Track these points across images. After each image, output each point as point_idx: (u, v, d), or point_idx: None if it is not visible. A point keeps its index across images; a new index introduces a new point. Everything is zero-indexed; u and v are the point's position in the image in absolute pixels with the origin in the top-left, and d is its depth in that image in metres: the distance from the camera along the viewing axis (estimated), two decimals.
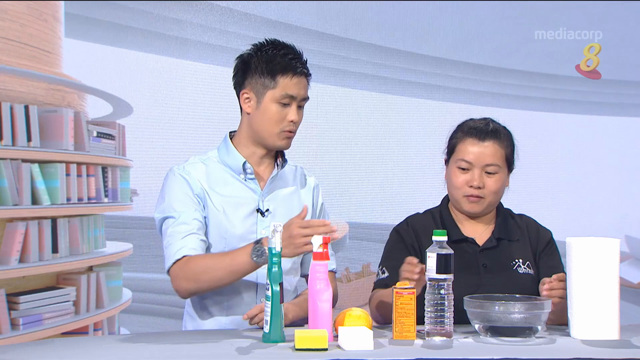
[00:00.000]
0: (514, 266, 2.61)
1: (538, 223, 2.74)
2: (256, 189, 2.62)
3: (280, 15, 4.86)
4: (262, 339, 2.20)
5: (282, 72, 2.55)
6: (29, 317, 3.97)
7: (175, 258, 2.49)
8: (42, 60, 4.47)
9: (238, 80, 2.63)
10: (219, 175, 2.61)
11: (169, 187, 2.59)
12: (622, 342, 2.23)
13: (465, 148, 2.59)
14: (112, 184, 4.64)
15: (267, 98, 2.56)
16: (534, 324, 2.23)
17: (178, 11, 4.71)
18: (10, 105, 3.97)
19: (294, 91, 2.57)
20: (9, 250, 3.97)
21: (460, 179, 2.59)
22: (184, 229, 2.52)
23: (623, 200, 5.06)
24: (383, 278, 2.62)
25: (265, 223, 2.59)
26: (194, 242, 2.51)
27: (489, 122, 2.65)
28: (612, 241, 2.29)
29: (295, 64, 2.57)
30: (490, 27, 5.02)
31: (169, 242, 2.52)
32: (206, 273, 2.45)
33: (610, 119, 5.19)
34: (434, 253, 2.22)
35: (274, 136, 2.58)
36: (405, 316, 2.21)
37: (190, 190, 2.56)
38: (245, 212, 2.59)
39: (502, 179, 2.61)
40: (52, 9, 4.58)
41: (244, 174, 2.61)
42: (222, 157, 2.64)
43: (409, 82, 5.05)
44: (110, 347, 2.15)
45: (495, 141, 2.60)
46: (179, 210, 2.54)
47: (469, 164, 2.58)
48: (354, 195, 4.95)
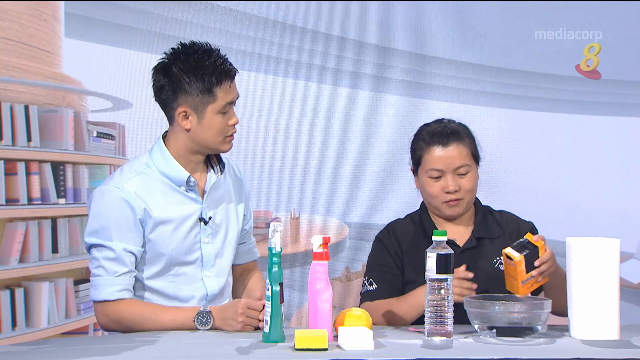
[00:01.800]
0: (495, 264, 2.62)
1: (518, 217, 2.75)
2: (197, 199, 2.55)
3: (280, 15, 4.86)
4: (262, 339, 2.20)
5: (218, 83, 2.47)
6: (87, 303, 4.23)
7: (108, 298, 2.44)
8: (42, 60, 4.46)
9: (167, 97, 2.51)
10: (159, 187, 2.52)
11: (107, 209, 2.47)
12: (622, 342, 2.23)
13: (431, 157, 2.60)
14: None
15: (209, 112, 2.48)
16: (534, 324, 2.23)
17: (178, 11, 4.71)
18: (10, 105, 3.97)
19: (231, 97, 2.51)
20: (9, 250, 3.97)
21: (435, 188, 2.61)
22: (118, 266, 2.45)
23: (623, 200, 5.06)
24: (371, 290, 2.62)
25: (207, 231, 2.55)
26: (127, 282, 2.46)
27: (445, 124, 2.66)
28: (612, 241, 2.29)
29: (224, 69, 2.49)
30: (490, 27, 5.02)
31: (100, 274, 2.46)
32: (139, 324, 2.42)
33: (610, 119, 5.19)
34: (434, 253, 2.22)
35: (219, 144, 2.52)
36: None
37: (132, 216, 2.46)
38: (189, 225, 2.53)
39: (475, 176, 2.63)
40: (52, 9, 4.58)
41: (186, 186, 2.53)
42: (160, 166, 2.53)
43: (409, 82, 5.05)
44: (110, 347, 2.15)
45: (458, 142, 2.61)
46: (115, 239, 2.45)
47: (440, 172, 2.59)
48: (354, 195, 4.95)
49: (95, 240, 2.48)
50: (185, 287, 2.53)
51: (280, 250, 2.21)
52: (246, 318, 2.33)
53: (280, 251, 2.21)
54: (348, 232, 4.98)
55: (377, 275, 2.63)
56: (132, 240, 2.47)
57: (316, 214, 4.92)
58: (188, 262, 2.53)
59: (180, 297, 2.52)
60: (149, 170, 2.54)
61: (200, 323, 2.36)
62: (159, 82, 2.53)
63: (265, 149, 4.66)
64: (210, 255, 2.55)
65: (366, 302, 2.62)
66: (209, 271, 2.55)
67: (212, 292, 2.55)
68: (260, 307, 2.33)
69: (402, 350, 2.12)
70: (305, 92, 4.95)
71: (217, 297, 2.58)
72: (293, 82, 4.94)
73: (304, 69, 4.96)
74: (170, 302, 2.51)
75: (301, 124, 4.97)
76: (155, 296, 2.52)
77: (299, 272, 3.06)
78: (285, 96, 4.92)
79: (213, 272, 2.55)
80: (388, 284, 2.62)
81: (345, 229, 4.97)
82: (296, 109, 4.94)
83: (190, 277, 2.54)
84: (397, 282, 2.63)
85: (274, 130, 4.82)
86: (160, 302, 2.51)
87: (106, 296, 2.45)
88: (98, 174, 4.46)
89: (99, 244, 2.48)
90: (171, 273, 2.52)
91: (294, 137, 4.91)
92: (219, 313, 2.37)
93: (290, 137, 4.89)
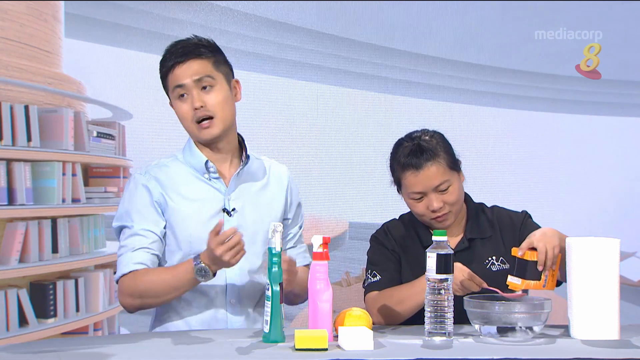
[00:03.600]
0: (487, 265, 2.62)
1: (509, 210, 2.73)
2: (221, 188, 2.54)
3: (280, 15, 4.86)
4: (262, 339, 2.20)
5: (165, 70, 2.49)
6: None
7: (122, 272, 2.46)
8: (42, 60, 4.47)
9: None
10: (182, 176, 2.55)
11: (130, 194, 2.53)
12: (622, 342, 2.23)
13: (408, 182, 2.58)
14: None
15: (172, 100, 2.51)
16: (534, 324, 2.23)
17: (178, 11, 4.71)
18: (10, 105, 3.97)
19: (178, 80, 2.48)
20: (9, 250, 3.97)
21: (420, 208, 2.60)
22: (136, 242, 2.47)
23: (623, 200, 5.06)
24: (376, 281, 2.61)
25: (232, 222, 2.50)
26: (143, 256, 2.46)
27: (417, 142, 2.59)
28: (612, 241, 2.29)
29: (171, 55, 2.48)
30: (490, 27, 5.03)
31: (121, 253, 2.49)
32: (149, 289, 2.42)
33: (611, 119, 5.20)
34: (434, 253, 2.22)
35: (194, 132, 2.51)
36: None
37: (149, 198, 2.50)
38: (210, 213, 2.51)
39: (457, 186, 2.61)
40: (52, 9, 4.58)
41: (208, 174, 2.54)
42: (187, 157, 2.57)
43: (409, 82, 5.05)
44: (111, 347, 2.15)
45: (431, 162, 2.56)
46: (135, 221, 2.49)
47: (420, 193, 2.58)
48: (354, 195, 4.95)
49: (119, 223, 2.53)
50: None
51: (281, 250, 2.21)
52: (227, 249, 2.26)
53: (281, 251, 2.21)
54: (348, 227, 4.98)
55: (380, 267, 2.62)
56: (151, 222, 2.49)
57: (316, 212, 4.92)
58: None
59: (200, 287, 2.51)
60: (176, 161, 2.58)
61: (201, 276, 2.34)
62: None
63: (265, 149, 4.66)
64: None
65: (373, 291, 2.61)
66: None
67: (233, 287, 2.52)
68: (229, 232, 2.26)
69: (402, 350, 2.12)
70: (305, 92, 4.96)
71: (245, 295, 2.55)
72: (293, 82, 4.95)
73: (304, 69, 4.97)
74: (193, 292, 2.51)
75: (301, 124, 4.97)
76: None
77: None
78: (285, 96, 4.92)
79: (237, 265, 2.51)
80: (391, 275, 2.61)
81: (345, 223, 4.98)
82: (296, 109, 4.95)
83: None
84: (398, 274, 2.63)
85: (274, 130, 4.83)
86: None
87: (122, 271, 2.46)
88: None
89: (123, 226, 2.52)
90: None
91: (294, 137, 4.91)
92: (207, 259, 2.33)
93: (290, 137, 4.89)
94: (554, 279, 2.40)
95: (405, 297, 2.50)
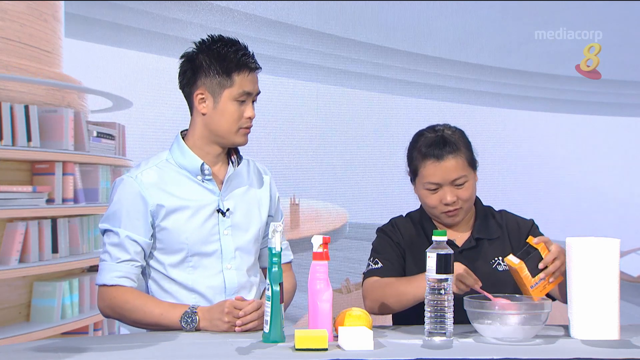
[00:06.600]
0: (493, 265, 2.62)
1: (517, 216, 2.74)
2: (214, 190, 2.57)
3: (280, 15, 4.86)
4: (262, 339, 2.20)
5: (237, 69, 2.51)
6: None
7: (104, 282, 2.48)
8: (42, 60, 4.47)
9: (188, 80, 2.56)
10: (174, 178, 2.55)
11: (120, 198, 2.52)
12: (622, 342, 2.23)
13: (427, 171, 2.58)
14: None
15: (225, 97, 2.52)
16: (534, 324, 2.23)
17: (178, 11, 4.71)
18: (10, 105, 3.97)
19: (250, 88, 2.53)
20: (9, 250, 3.97)
21: (433, 200, 2.60)
22: (122, 253, 2.49)
23: (623, 200, 5.06)
24: (378, 268, 2.61)
25: (226, 223, 2.56)
26: (129, 270, 2.48)
27: (441, 134, 2.61)
28: (612, 241, 2.29)
29: (247, 60, 2.53)
30: (490, 27, 5.03)
31: (105, 259, 2.50)
32: (133, 313, 2.45)
33: (610, 119, 5.20)
34: (434, 253, 2.22)
35: (232, 134, 2.54)
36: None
37: (143, 207, 2.50)
38: (205, 215, 2.54)
39: (472, 184, 2.61)
40: (52, 9, 4.58)
41: (202, 176, 2.56)
42: (177, 159, 2.57)
43: (409, 82, 5.05)
44: (110, 347, 2.15)
45: (453, 154, 2.58)
46: (124, 229, 2.49)
47: (437, 184, 2.58)
48: (354, 195, 4.95)
49: (106, 226, 2.53)
50: (204, 280, 2.54)
51: (281, 250, 2.21)
52: (232, 318, 2.34)
53: (281, 251, 2.21)
54: (347, 218, 4.98)
55: (384, 256, 2.63)
56: (138, 230, 2.50)
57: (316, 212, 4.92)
58: (207, 254, 2.54)
59: (198, 289, 2.52)
60: (166, 163, 2.58)
61: (186, 322, 2.38)
62: (183, 67, 2.58)
63: (266, 149, 4.66)
64: (230, 248, 2.56)
65: (374, 277, 2.61)
66: (229, 263, 2.55)
67: (231, 286, 2.54)
68: (246, 306, 2.33)
69: (402, 350, 2.12)
70: (305, 92, 4.96)
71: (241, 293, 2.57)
72: (293, 82, 4.95)
73: (304, 69, 4.97)
74: (190, 294, 2.53)
75: (301, 124, 4.97)
76: (176, 287, 2.54)
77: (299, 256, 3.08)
78: (285, 96, 4.93)
79: (234, 265, 2.55)
80: (393, 265, 2.61)
81: (344, 214, 4.97)
82: (296, 109, 4.95)
83: (210, 269, 2.55)
84: (401, 267, 2.63)
85: (274, 130, 4.83)
86: (181, 293, 2.53)
87: (105, 281, 2.48)
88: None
89: (108, 229, 2.52)
90: (190, 265, 2.53)
91: (294, 137, 4.92)
92: (206, 314, 2.38)
93: (290, 137, 4.90)
94: (544, 289, 2.39)
95: (403, 290, 2.50)
